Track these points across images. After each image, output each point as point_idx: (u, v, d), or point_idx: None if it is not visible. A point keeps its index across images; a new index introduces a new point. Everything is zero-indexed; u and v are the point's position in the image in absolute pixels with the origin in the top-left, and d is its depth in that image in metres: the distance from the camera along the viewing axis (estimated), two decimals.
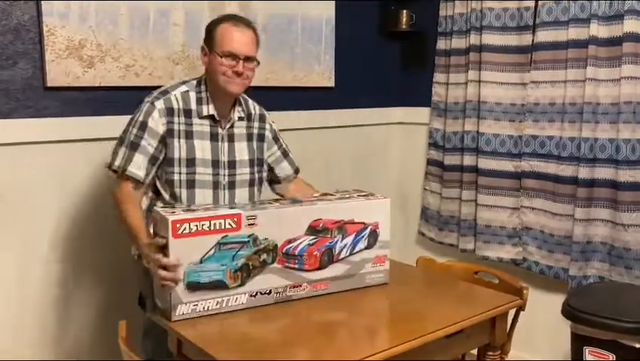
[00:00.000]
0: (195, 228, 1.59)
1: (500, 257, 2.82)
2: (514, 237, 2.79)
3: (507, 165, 2.77)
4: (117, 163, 1.84)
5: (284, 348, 1.52)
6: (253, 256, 1.68)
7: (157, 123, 1.83)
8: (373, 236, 1.90)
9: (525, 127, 2.70)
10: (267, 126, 2.08)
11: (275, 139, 2.12)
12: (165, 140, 1.84)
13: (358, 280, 1.88)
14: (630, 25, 2.32)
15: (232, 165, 1.94)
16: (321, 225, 1.80)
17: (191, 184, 1.87)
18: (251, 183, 2.00)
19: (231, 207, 1.70)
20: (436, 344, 1.62)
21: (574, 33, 2.49)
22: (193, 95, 1.89)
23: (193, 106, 1.88)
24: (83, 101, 2.20)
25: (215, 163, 1.91)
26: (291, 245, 1.75)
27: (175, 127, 1.85)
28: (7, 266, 2.11)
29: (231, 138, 1.95)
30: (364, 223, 1.87)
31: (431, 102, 3.11)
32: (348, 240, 1.84)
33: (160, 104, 1.84)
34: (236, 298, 1.67)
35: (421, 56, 3.19)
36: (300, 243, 1.76)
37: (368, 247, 1.88)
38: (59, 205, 2.19)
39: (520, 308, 1.97)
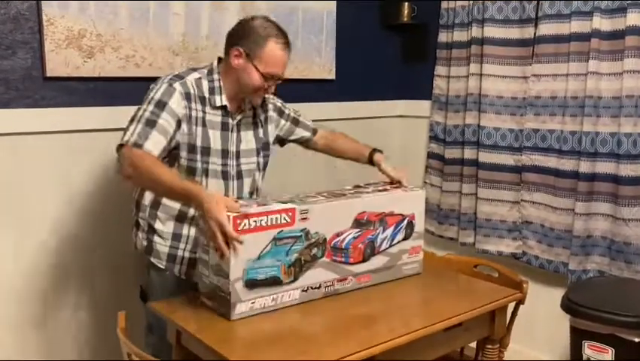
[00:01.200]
0: (254, 224, 1.58)
1: (500, 251, 2.82)
2: (514, 231, 2.79)
3: (508, 159, 2.77)
4: (131, 139, 1.69)
5: (285, 342, 1.52)
6: (305, 251, 1.70)
7: (179, 105, 1.77)
8: (410, 227, 1.95)
9: (527, 121, 2.69)
10: (270, 107, 2.06)
11: (280, 113, 2.11)
12: (181, 123, 1.78)
13: (396, 271, 1.93)
14: (633, 18, 2.31)
15: (239, 154, 1.93)
16: (365, 217, 1.84)
17: (206, 173, 1.85)
18: (258, 170, 2.00)
19: (282, 201, 1.70)
20: (435, 337, 1.63)
21: (576, 26, 2.47)
22: (205, 83, 1.85)
23: (206, 94, 1.84)
24: (82, 92, 2.19)
25: (225, 153, 1.89)
26: (338, 239, 1.78)
27: (193, 113, 1.81)
28: (4, 256, 2.10)
29: (239, 128, 1.93)
30: (402, 215, 1.92)
31: (432, 95, 3.10)
32: (389, 232, 1.90)
33: (178, 87, 1.79)
34: (290, 294, 1.69)
35: (422, 49, 3.17)
36: (346, 236, 1.80)
37: (406, 238, 1.94)
38: (57, 196, 2.19)
39: (520, 302, 1.97)
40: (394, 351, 1.50)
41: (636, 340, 2.04)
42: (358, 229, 1.82)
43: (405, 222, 1.93)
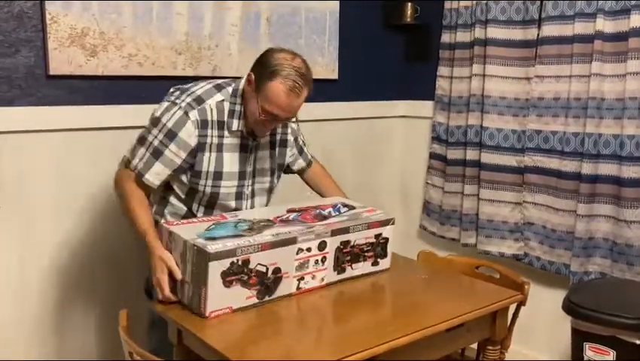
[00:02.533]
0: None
1: (501, 252, 2.82)
2: (516, 232, 2.79)
3: (510, 160, 2.77)
4: (137, 165, 1.76)
5: (287, 340, 1.52)
6: (254, 225, 1.70)
7: (190, 136, 1.74)
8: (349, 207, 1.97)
9: (529, 122, 2.69)
10: (289, 130, 2.03)
11: (296, 139, 2.08)
12: (195, 153, 1.77)
13: (361, 219, 1.88)
14: (637, 20, 2.30)
15: (254, 173, 1.91)
16: (297, 207, 1.88)
17: (213, 199, 1.84)
18: (269, 191, 1.99)
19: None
20: (436, 338, 1.62)
21: (579, 28, 2.47)
22: (227, 106, 1.80)
23: (226, 118, 1.79)
24: (85, 90, 2.19)
25: (242, 175, 1.87)
26: (281, 217, 1.79)
27: (208, 140, 1.77)
28: (6, 254, 2.11)
29: (257, 148, 1.90)
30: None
31: (434, 96, 3.10)
32: (329, 209, 1.91)
33: (194, 116, 1.74)
34: (262, 238, 1.63)
35: (425, 49, 3.17)
36: (289, 214, 1.83)
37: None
38: (59, 194, 2.19)
39: (521, 303, 1.97)
40: (396, 351, 1.50)
41: (637, 342, 2.04)
42: (298, 212, 1.84)
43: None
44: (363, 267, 1.89)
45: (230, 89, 1.83)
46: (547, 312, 2.61)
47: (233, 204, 1.88)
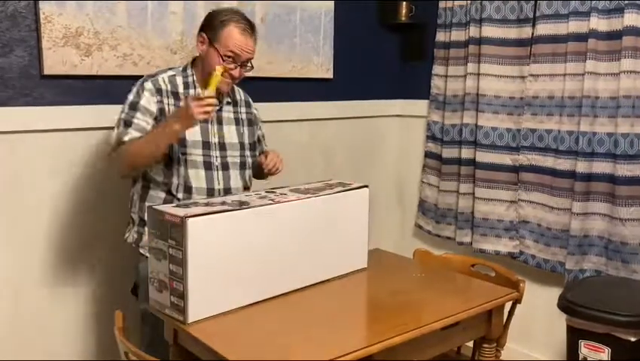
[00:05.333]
0: None
1: (497, 250, 2.83)
2: (511, 230, 2.80)
3: (505, 159, 2.77)
4: (114, 143, 1.89)
5: (283, 340, 1.52)
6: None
7: (149, 101, 1.89)
8: None
9: (524, 120, 2.69)
10: (254, 111, 2.15)
11: (256, 122, 2.18)
12: (158, 118, 1.89)
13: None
14: (630, 18, 2.31)
15: (222, 146, 1.99)
16: None
17: (184, 163, 1.91)
18: (242, 166, 2.05)
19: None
20: (432, 336, 1.63)
21: (574, 26, 2.48)
22: (179, 80, 1.96)
23: (181, 89, 1.95)
24: (80, 90, 2.19)
25: (206, 144, 1.95)
26: None
27: (165, 107, 1.91)
28: (1, 255, 2.10)
29: (220, 121, 1.99)
30: None
31: (429, 95, 3.10)
32: None
33: (148, 85, 1.91)
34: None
35: (420, 48, 3.18)
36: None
37: None
38: (55, 194, 2.18)
39: (516, 301, 1.97)
40: (391, 350, 1.50)
41: (632, 339, 2.04)
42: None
43: None
44: (328, 194, 1.87)
45: (180, 68, 2.02)
46: (543, 310, 2.62)
47: (202, 172, 1.94)
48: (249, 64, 1.95)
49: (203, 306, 1.57)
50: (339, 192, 1.88)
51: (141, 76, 1.98)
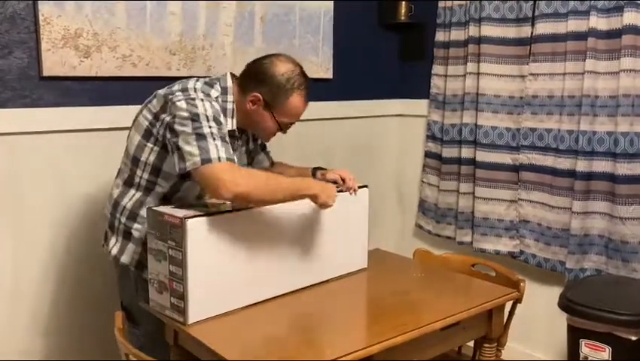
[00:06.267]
0: None
1: (497, 250, 2.82)
2: (511, 229, 2.79)
3: (505, 158, 2.77)
4: (222, 156, 1.59)
5: (283, 340, 1.52)
6: None
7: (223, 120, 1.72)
8: None
9: (524, 120, 2.69)
10: None
11: None
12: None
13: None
14: (630, 17, 2.31)
15: None
16: None
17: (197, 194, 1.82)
18: None
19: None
20: (432, 336, 1.63)
21: (573, 25, 2.48)
22: (220, 103, 1.77)
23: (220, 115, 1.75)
24: (79, 91, 2.19)
25: None
26: None
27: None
28: (1, 256, 2.10)
29: (240, 145, 1.93)
30: None
31: (429, 94, 3.10)
32: None
33: (216, 104, 1.71)
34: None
35: (419, 48, 3.18)
36: None
37: None
38: (54, 196, 2.18)
39: (517, 301, 1.97)
40: (391, 350, 1.50)
41: (633, 338, 2.04)
42: None
43: None
44: None
45: (219, 86, 1.77)
46: (543, 309, 2.62)
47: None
48: None
49: (203, 307, 1.57)
50: (338, 192, 1.88)
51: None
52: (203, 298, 1.57)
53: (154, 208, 1.60)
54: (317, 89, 2.91)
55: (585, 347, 2.14)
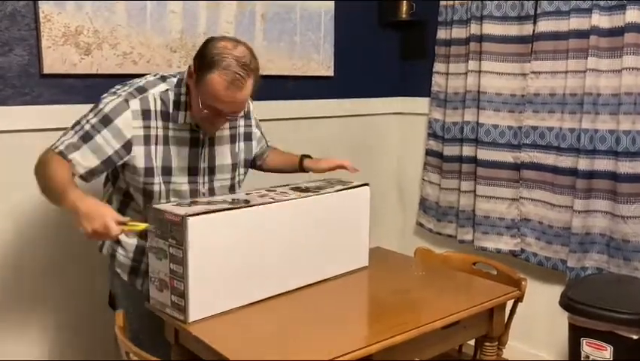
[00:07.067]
0: None
1: (498, 248, 2.82)
2: (513, 228, 2.79)
3: (507, 156, 2.76)
4: (59, 147, 1.60)
5: (283, 339, 1.52)
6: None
7: (127, 126, 1.62)
8: None
9: (525, 118, 2.69)
10: (253, 122, 1.96)
11: (254, 137, 1.99)
12: (131, 146, 1.64)
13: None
14: (632, 15, 2.30)
15: (212, 170, 1.80)
16: None
17: (167, 194, 1.72)
18: (231, 188, 1.88)
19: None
20: (433, 335, 1.62)
21: (575, 23, 2.47)
22: (171, 96, 1.69)
23: (171, 109, 1.69)
24: (79, 89, 2.18)
25: (193, 170, 1.76)
26: None
27: (152, 132, 1.66)
28: (1, 255, 2.09)
29: (212, 142, 1.79)
30: None
31: (430, 92, 3.10)
32: None
33: (135, 105, 1.63)
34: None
35: (421, 46, 3.17)
36: None
37: None
38: None
39: (518, 299, 1.97)
40: (391, 349, 1.50)
41: (634, 337, 2.04)
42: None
43: None
44: (328, 192, 1.84)
45: (174, 80, 1.71)
46: (545, 308, 2.61)
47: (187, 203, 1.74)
48: (243, 110, 1.71)
49: (204, 305, 1.57)
50: (339, 190, 1.87)
51: (141, 74, 1.94)
52: (204, 296, 1.56)
53: (155, 206, 1.59)
54: (318, 87, 2.93)
55: (586, 346, 2.14)
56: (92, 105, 1.69)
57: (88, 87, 2.20)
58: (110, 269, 1.89)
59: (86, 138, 1.60)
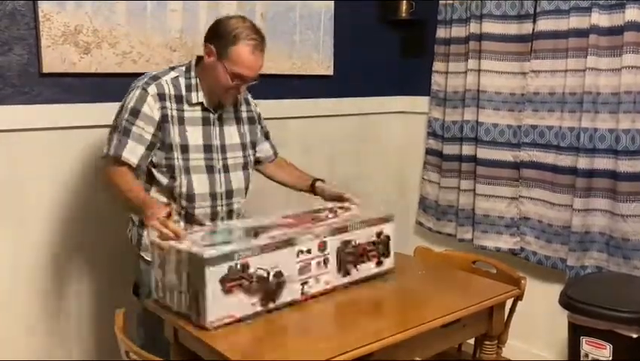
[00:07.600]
0: None
1: (498, 247, 2.82)
2: (512, 227, 2.79)
3: (506, 155, 2.76)
4: (110, 150, 1.85)
5: (283, 338, 1.52)
6: (249, 231, 1.67)
7: (152, 109, 1.83)
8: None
9: (525, 117, 2.69)
10: (253, 108, 2.11)
11: (259, 120, 2.14)
12: (161, 125, 1.85)
13: (359, 217, 1.86)
14: (632, 14, 2.30)
15: (223, 148, 1.96)
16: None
17: (187, 170, 1.88)
18: (245, 166, 2.02)
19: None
20: (433, 333, 1.62)
21: (575, 22, 2.47)
22: (182, 81, 1.89)
23: (184, 92, 1.88)
24: (79, 88, 2.18)
25: (208, 148, 1.92)
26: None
27: (169, 112, 1.85)
28: (1, 254, 2.09)
29: (221, 122, 1.96)
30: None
31: (430, 91, 3.10)
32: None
33: (152, 89, 1.84)
34: (260, 240, 1.58)
35: (420, 45, 3.17)
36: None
37: None
38: (54, 193, 2.18)
39: (518, 298, 1.97)
40: (391, 348, 1.50)
41: (634, 336, 2.04)
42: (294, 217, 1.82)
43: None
44: (368, 267, 1.84)
45: (182, 68, 1.93)
46: (544, 307, 2.61)
47: (204, 177, 1.90)
48: (255, 81, 1.90)
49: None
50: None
51: (140, 73, 1.96)
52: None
53: (171, 246, 1.56)
54: (318, 86, 2.92)
55: (586, 345, 2.14)
56: (118, 106, 1.89)
57: (87, 86, 2.20)
58: (135, 255, 1.95)
59: (126, 132, 1.83)
